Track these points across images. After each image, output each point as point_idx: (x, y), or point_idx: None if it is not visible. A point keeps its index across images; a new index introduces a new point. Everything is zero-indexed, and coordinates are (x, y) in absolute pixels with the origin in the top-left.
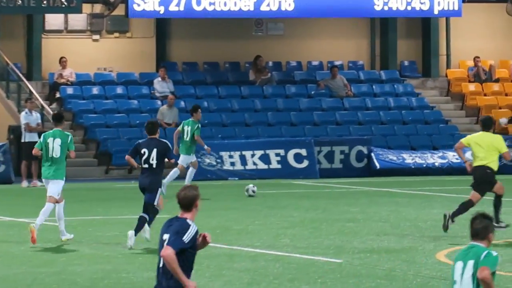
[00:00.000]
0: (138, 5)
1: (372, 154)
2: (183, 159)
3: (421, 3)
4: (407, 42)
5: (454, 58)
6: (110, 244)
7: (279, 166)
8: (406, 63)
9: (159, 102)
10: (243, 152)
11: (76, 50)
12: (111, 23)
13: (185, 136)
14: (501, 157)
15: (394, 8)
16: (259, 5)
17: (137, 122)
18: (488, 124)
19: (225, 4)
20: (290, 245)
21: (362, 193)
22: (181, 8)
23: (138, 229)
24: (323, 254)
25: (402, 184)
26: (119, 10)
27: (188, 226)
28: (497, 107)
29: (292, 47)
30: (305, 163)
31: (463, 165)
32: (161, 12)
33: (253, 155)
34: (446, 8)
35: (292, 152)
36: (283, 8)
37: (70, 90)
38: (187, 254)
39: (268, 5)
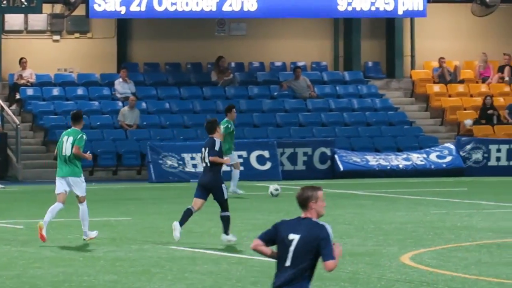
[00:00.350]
0: (99, 5)
1: (336, 156)
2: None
3: (385, 3)
4: (371, 43)
5: (418, 59)
6: (71, 247)
7: (241, 168)
8: (370, 64)
9: (120, 103)
10: None
11: (37, 51)
12: (72, 23)
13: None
14: None
15: (358, 9)
16: (221, 5)
17: (98, 123)
18: None
19: (187, 4)
20: None
21: (326, 195)
22: (143, 8)
23: (226, 228)
24: None
25: (366, 186)
26: (80, 10)
27: (325, 228)
28: (462, 108)
29: (255, 47)
30: (268, 165)
31: (427, 167)
32: (122, 12)
33: None
34: (410, 9)
35: (254, 154)
36: (245, 8)
37: (30, 91)
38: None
39: (231, 5)
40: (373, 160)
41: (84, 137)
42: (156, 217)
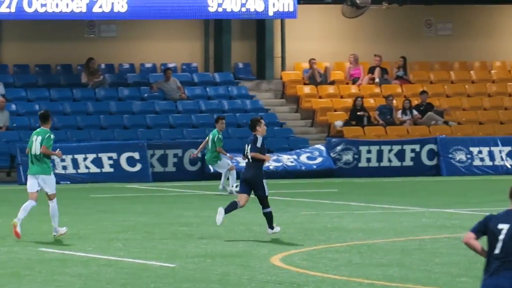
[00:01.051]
0: None
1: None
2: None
3: (256, 5)
4: (242, 44)
5: (289, 60)
6: None
7: (111, 169)
8: (240, 65)
9: None
10: (75, 156)
11: None
12: None
13: (209, 145)
14: None
15: (229, 10)
16: (91, 6)
17: None
18: None
19: (57, 5)
20: (123, 250)
21: (196, 197)
22: (12, 9)
23: (270, 224)
24: (157, 258)
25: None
26: None
27: None
28: (332, 109)
29: (125, 49)
30: (138, 167)
31: (298, 168)
32: None
33: (85, 159)
34: (281, 10)
35: (124, 156)
36: (115, 10)
37: None
38: None
39: (101, 6)
40: (244, 161)
41: (52, 136)
42: (25, 219)
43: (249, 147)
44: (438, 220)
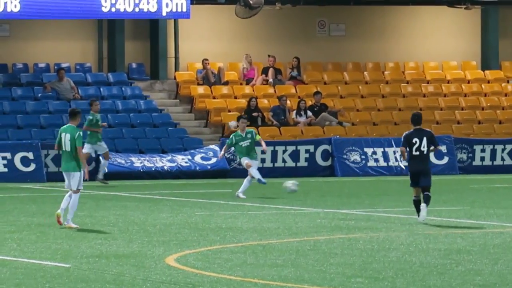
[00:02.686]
0: None
1: (100, 158)
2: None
3: (149, 5)
4: (135, 44)
5: (182, 61)
6: None
7: (5, 169)
8: (134, 65)
9: None
10: None
11: None
12: None
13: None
14: None
15: (122, 10)
16: None
17: None
18: None
19: None
20: (17, 250)
21: (90, 197)
22: None
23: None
24: (51, 258)
25: (131, 188)
26: None
27: None
28: (227, 110)
29: (18, 48)
30: (32, 167)
31: (192, 168)
32: None
33: None
34: (174, 10)
35: (18, 156)
36: (8, 9)
37: None
38: None
39: None
40: (138, 161)
41: (81, 134)
42: None
43: (426, 140)
44: (333, 220)
